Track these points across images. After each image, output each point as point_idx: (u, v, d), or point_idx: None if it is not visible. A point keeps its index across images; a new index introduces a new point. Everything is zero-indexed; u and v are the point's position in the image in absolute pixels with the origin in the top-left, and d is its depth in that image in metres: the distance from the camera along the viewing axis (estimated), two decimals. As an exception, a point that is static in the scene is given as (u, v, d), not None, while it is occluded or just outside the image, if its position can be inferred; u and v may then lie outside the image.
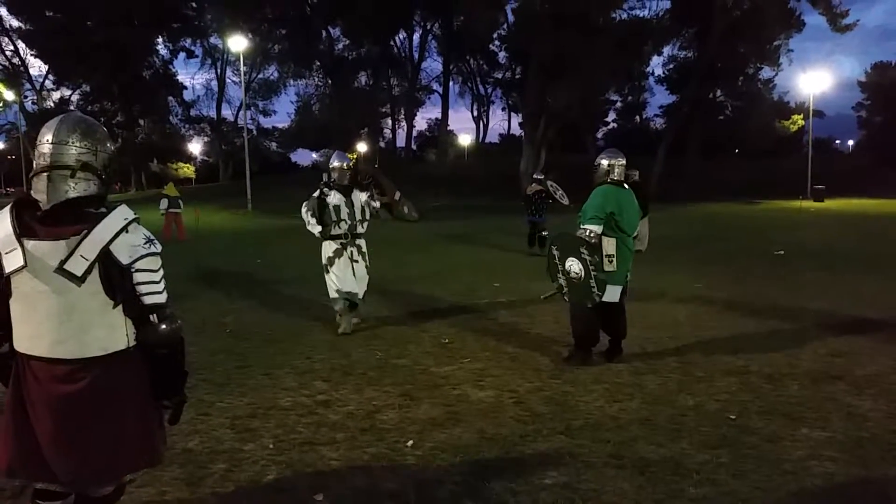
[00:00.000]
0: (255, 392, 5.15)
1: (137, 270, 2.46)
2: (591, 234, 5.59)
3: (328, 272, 7.13)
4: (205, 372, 5.67)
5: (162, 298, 2.51)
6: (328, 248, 7.14)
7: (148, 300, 2.48)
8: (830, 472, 3.67)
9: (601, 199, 5.69)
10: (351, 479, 3.68)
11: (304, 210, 7.20)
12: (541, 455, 3.94)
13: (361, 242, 7.22)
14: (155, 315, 2.49)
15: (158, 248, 2.55)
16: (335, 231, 7.07)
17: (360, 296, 7.21)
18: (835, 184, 36.19)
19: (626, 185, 5.94)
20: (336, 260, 7.07)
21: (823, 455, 3.87)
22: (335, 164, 7.29)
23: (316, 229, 7.09)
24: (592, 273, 5.48)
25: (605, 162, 5.91)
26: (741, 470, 3.69)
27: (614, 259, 5.69)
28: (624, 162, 5.94)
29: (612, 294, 5.70)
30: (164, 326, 2.50)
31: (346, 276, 7.07)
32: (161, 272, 2.54)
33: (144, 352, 2.55)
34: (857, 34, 42.37)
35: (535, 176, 14.83)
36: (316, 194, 7.18)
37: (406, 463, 3.87)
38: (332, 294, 7.14)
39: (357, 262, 7.14)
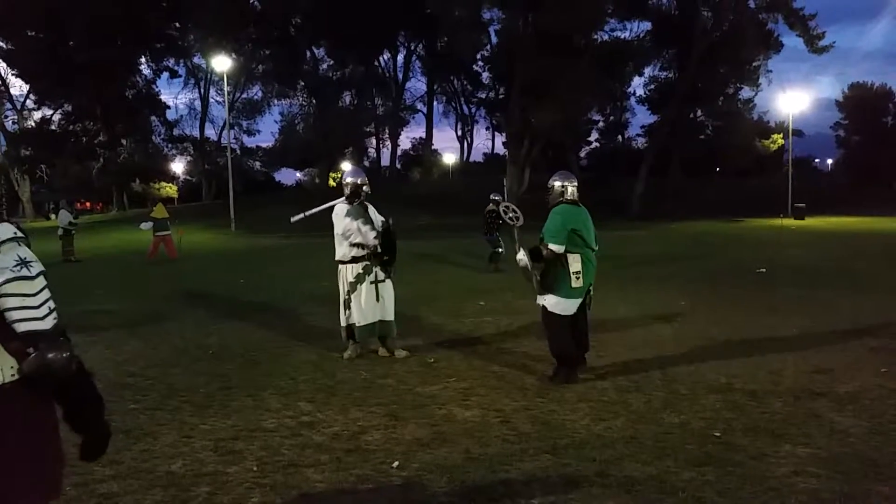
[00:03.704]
0: (239, 414, 5.10)
1: (4, 295, 2.18)
2: (550, 254, 5.81)
3: (349, 300, 6.62)
4: (187, 394, 5.62)
5: (40, 326, 2.21)
6: (350, 271, 6.65)
7: (22, 327, 2.19)
8: (814, 488, 3.69)
9: (560, 218, 5.90)
10: (336, 502, 3.65)
11: (347, 221, 6.53)
12: (527, 475, 3.93)
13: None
14: (34, 345, 2.18)
15: (33, 271, 2.27)
16: (358, 252, 6.61)
17: (390, 318, 6.75)
18: (815, 202, 36.63)
19: (580, 204, 6.10)
20: (359, 286, 6.60)
21: (807, 471, 3.90)
22: (359, 179, 6.76)
23: (372, 234, 6.51)
24: (535, 278, 5.90)
25: (558, 183, 6.13)
26: (726, 487, 3.71)
27: (581, 275, 5.84)
28: (576, 183, 6.16)
29: (571, 307, 5.86)
30: (48, 356, 2.18)
31: (369, 303, 6.60)
32: (41, 297, 2.25)
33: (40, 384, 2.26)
34: (834, 55, 43.20)
35: (491, 196, 14.98)
36: (346, 204, 6.64)
37: (392, 484, 3.85)
38: (361, 322, 6.61)
39: (382, 281, 6.70)
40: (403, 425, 4.79)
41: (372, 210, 6.86)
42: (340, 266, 6.78)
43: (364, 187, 6.80)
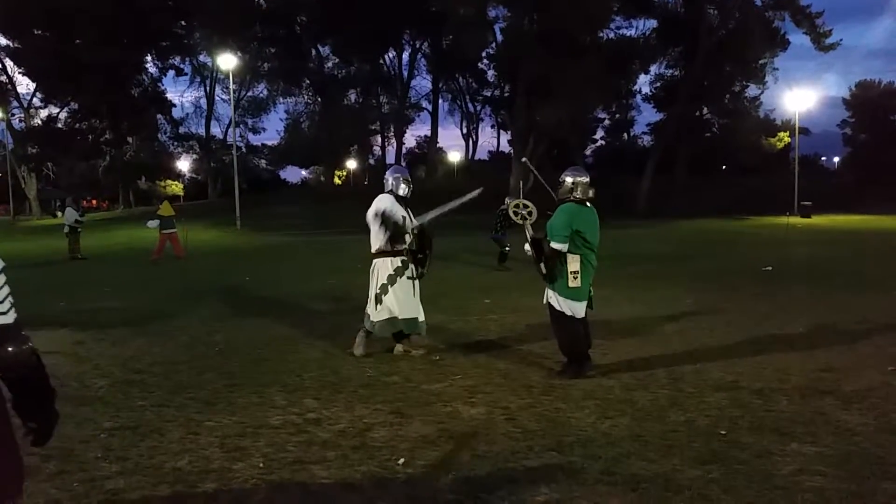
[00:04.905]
0: (245, 410, 5.11)
1: None
2: (552, 251, 5.86)
3: (386, 293, 6.51)
4: (194, 391, 5.64)
5: (4, 320, 2.25)
6: (389, 264, 6.57)
7: None
8: (820, 486, 3.68)
9: (566, 218, 5.86)
10: (342, 499, 3.65)
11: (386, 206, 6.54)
12: (533, 472, 3.93)
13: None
14: None
15: None
16: (400, 245, 6.57)
17: (423, 317, 6.72)
18: (821, 200, 36.51)
19: (588, 203, 6.04)
20: (398, 279, 6.54)
21: (813, 470, 3.89)
22: (404, 175, 6.86)
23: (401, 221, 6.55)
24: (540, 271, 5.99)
25: (569, 179, 6.03)
26: (732, 485, 3.70)
27: (579, 276, 5.83)
28: (587, 180, 6.06)
29: (579, 310, 5.91)
30: (10, 349, 2.24)
31: (407, 298, 6.56)
32: (2, 292, 2.27)
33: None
34: (841, 53, 43.05)
35: (506, 200, 15.04)
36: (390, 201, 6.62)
37: (398, 481, 3.85)
38: (383, 316, 6.53)
39: (417, 279, 6.67)
40: (409, 422, 4.80)
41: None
42: (376, 260, 6.67)
43: (400, 184, 6.74)
